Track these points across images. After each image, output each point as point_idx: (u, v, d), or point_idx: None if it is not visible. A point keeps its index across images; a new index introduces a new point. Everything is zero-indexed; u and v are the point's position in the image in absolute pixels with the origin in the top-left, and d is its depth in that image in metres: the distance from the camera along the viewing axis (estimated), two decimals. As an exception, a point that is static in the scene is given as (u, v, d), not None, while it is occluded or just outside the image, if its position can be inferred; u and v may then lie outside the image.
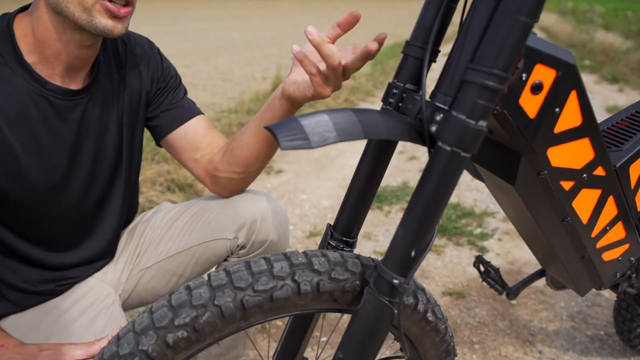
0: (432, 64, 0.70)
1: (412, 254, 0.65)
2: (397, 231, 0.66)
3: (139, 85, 1.06)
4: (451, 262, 1.98)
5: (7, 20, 0.90)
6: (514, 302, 1.71)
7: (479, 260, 1.21)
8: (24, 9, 0.93)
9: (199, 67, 6.25)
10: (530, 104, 0.67)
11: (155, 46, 1.12)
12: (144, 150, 2.67)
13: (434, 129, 0.63)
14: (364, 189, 0.78)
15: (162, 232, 1.15)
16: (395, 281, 0.65)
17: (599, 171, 0.81)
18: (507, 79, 0.58)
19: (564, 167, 0.76)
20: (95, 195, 1.05)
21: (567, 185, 0.78)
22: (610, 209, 0.88)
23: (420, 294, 0.77)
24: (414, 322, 0.77)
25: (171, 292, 0.67)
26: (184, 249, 1.12)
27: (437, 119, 0.63)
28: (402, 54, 0.72)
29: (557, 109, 0.69)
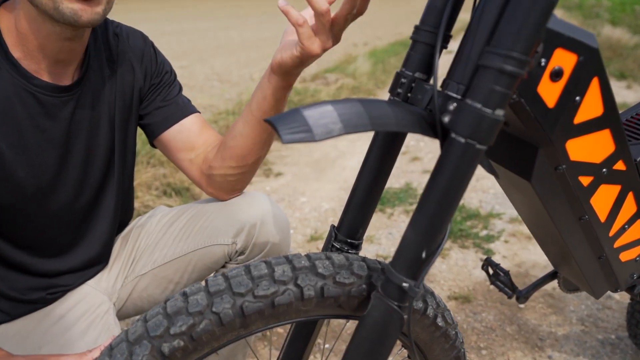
0: (443, 50, 0.65)
1: (423, 255, 0.60)
2: (407, 231, 0.61)
3: (131, 80, 1.02)
4: (456, 265, 1.93)
5: None
6: (521, 305, 1.67)
7: (487, 262, 1.16)
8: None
9: (195, 68, 6.22)
10: (549, 92, 0.63)
11: (149, 40, 1.08)
12: (139, 153, 2.64)
13: (446, 119, 0.58)
14: (370, 187, 0.74)
15: (157, 238, 1.11)
16: (404, 285, 0.61)
17: (620, 165, 0.76)
18: (527, 62, 0.53)
19: (583, 161, 0.71)
20: (86, 197, 1.01)
21: (585, 180, 0.74)
22: (629, 206, 0.84)
23: (429, 297, 0.73)
24: (423, 327, 0.73)
25: (166, 299, 0.63)
26: (180, 256, 1.08)
27: (450, 108, 0.58)
28: (410, 40, 0.68)
29: (577, 98, 0.65)
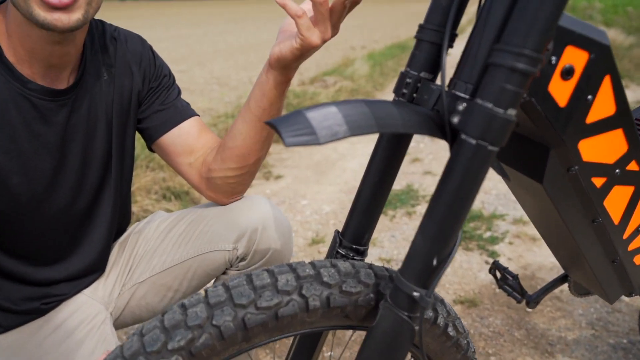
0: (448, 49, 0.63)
1: (434, 262, 0.57)
2: (416, 237, 0.58)
3: (129, 84, 1.00)
4: (461, 267, 1.90)
5: None
6: (529, 310, 1.64)
7: (495, 266, 1.13)
8: (1, 1, 0.86)
9: (194, 73, 6.21)
10: (560, 91, 0.60)
11: (147, 43, 1.05)
12: (139, 157, 2.61)
13: (455, 120, 0.56)
14: (376, 191, 0.71)
15: (155, 244, 1.08)
16: (415, 294, 0.58)
17: (633, 166, 0.74)
18: (539, 60, 0.51)
19: (596, 162, 0.69)
20: (83, 203, 0.98)
21: (598, 181, 0.71)
22: (643, 208, 0.81)
23: (439, 306, 0.70)
24: (433, 337, 0.71)
25: (164, 312, 0.60)
26: (179, 262, 1.05)
27: (460, 108, 0.55)
28: (415, 39, 0.65)
29: (589, 96, 0.62)
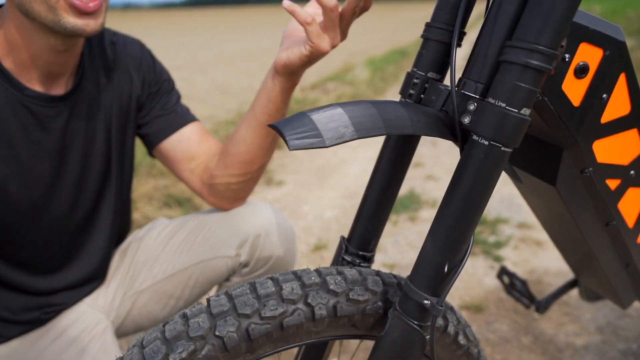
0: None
1: (445, 269, 0.55)
2: (426, 243, 0.56)
3: (129, 89, 0.98)
4: (466, 272, 1.88)
5: None
6: (537, 315, 1.61)
7: (503, 271, 1.11)
8: None
9: (196, 80, 6.21)
10: (574, 90, 0.58)
11: (146, 48, 1.04)
12: (140, 164, 2.60)
13: (466, 120, 0.54)
14: (382, 195, 0.69)
15: (157, 251, 1.06)
16: (426, 302, 0.56)
17: (648, 167, 0.71)
18: (554, 56, 0.49)
19: (610, 163, 0.67)
20: (83, 209, 0.97)
21: (613, 184, 0.69)
22: (657, 211, 0.79)
23: (449, 313, 0.68)
24: (443, 346, 0.68)
25: (165, 322, 0.58)
26: (181, 269, 1.03)
27: (470, 108, 0.53)
28: (421, 39, 0.63)
29: (604, 95, 0.60)
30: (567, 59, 0.56)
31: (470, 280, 1.83)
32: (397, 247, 2.10)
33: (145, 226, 1.15)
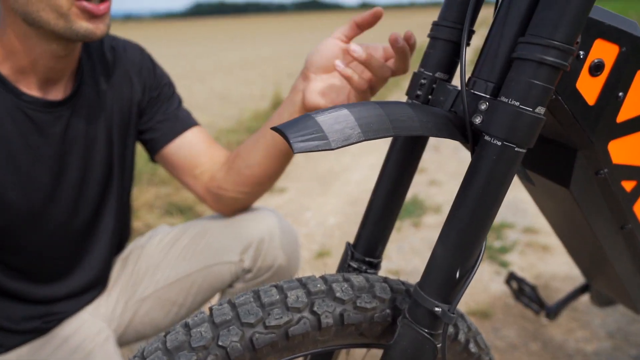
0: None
1: (457, 275, 0.53)
2: (436, 248, 0.54)
3: (129, 94, 0.97)
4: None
5: None
6: (545, 321, 1.58)
7: (511, 276, 1.08)
8: None
9: (196, 89, 6.22)
10: (589, 88, 0.56)
11: (146, 53, 1.03)
12: (142, 172, 2.58)
13: (477, 120, 0.52)
14: (389, 200, 0.67)
15: (159, 258, 1.05)
16: (437, 309, 0.54)
17: (663, 168, 0.69)
18: (570, 52, 0.47)
19: (626, 164, 0.65)
20: (83, 216, 0.95)
21: (628, 185, 0.67)
22: (673, 214, 0.77)
23: (460, 320, 0.66)
24: (454, 354, 0.66)
25: (166, 332, 0.56)
26: (183, 276, 1.02)
27: (482, 108, 0.52)
28: (429, 38, 0.61)
29: (620, 94, 0.58)
30: (581, 56, 0.55)
31: (475, 285, 1.81)
32: (401, 253, 2.08)
33: (146, 234, 1.13)
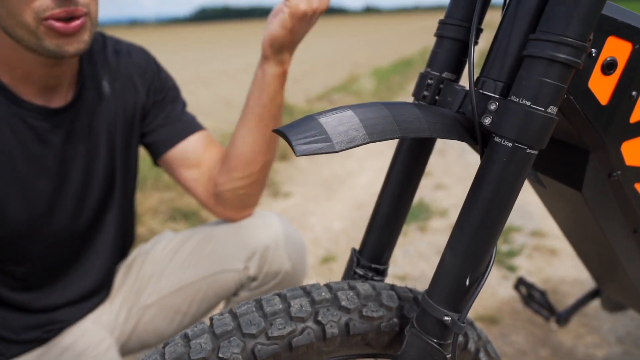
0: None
1: (467, 282, 0.51)
2: (445, 254, 0.52)
3: (133, 98, 0.96)
4: (479, 283, 1.82)
5: None
6: (553, 326, 1.55)
7: (520, 282, 1.06)
8: None
9: (201, 94, 6.22)
10: (601, 87, 0.54)
11: (151, 56, 1.02)
12: (146, 177, 2.57)
13: (487, 121, 0.50)
14: (395, 204, 0.65)
15: (163, 265, 1.03)
16: (446, 318, 0.52)
17: (678, 170, 0.67)
18: (583, 49, 0.45)
19: (639, 166, 0.62)
20: (85, 223, 0.94)
21: (642, 188, 0.65)
22: (687, 217, 0.74)
23: (469, 329, 0.64)
24: (464, 364, 0.64)
25: (165, 343, 0.54)
26: (188, 283, 1.00)
27: (491, 108, 0.50)
28: (435, 37, 0.60)
29: (634, 93, 0.56)
30: (593, 54, 0.53)
31: (483, 290, 1.78)
32: (407, 258, 2.05)
33: (151, 240, 1.12)
